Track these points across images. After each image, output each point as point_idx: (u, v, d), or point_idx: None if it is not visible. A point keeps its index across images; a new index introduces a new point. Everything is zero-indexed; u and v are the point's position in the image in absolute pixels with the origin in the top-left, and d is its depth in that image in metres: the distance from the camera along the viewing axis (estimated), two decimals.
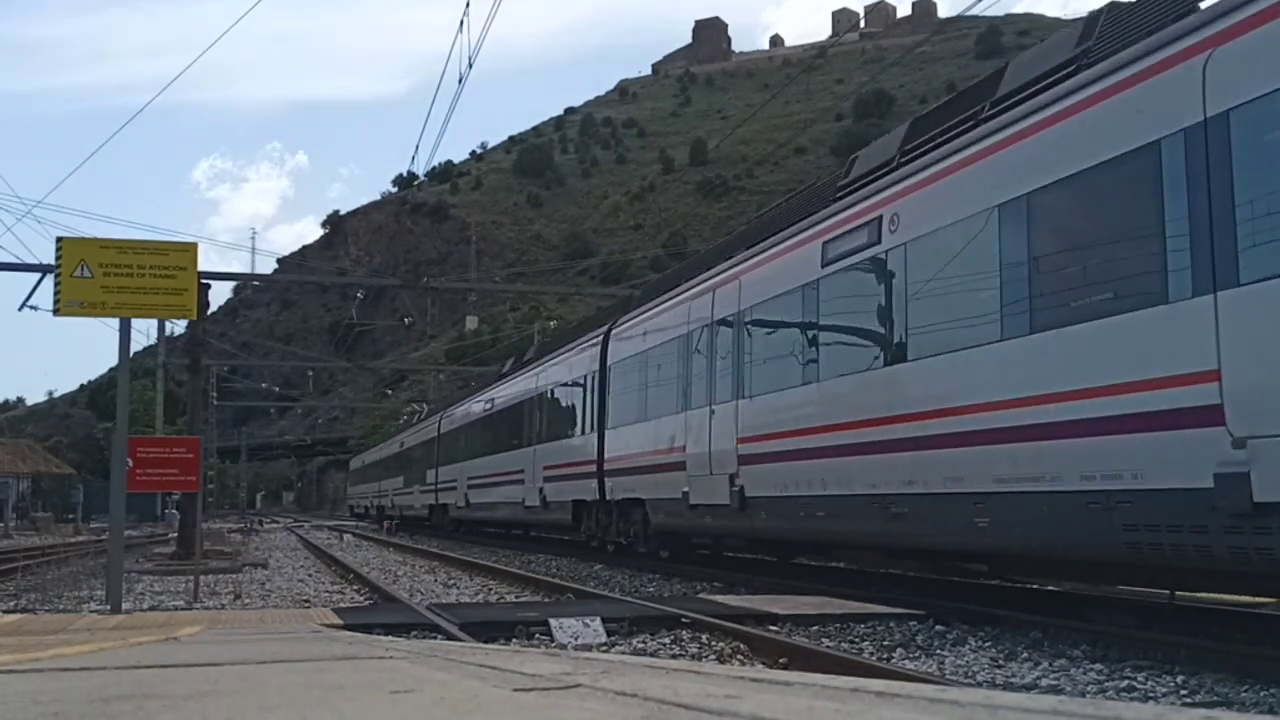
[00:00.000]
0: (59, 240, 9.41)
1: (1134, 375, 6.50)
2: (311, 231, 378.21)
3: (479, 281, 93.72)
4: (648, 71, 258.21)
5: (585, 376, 17.93)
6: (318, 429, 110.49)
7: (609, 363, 16.85)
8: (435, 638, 7.36)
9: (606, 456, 16.40)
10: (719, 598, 9.94)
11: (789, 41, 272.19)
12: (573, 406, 18.83)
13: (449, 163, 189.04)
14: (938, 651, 7.11)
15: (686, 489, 13.05)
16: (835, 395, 9.94)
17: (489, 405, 25.86)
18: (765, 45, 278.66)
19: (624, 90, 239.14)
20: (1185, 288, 6.23)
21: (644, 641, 7.65)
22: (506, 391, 24.15)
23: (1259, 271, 5.80)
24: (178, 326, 31.74)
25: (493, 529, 29.15)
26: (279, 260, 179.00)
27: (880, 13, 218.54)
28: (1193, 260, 6.20)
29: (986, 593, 10.65)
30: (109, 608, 9.27)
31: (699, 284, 13.66)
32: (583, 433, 17.78)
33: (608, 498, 16.26)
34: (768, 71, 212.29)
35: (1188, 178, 6.29)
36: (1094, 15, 8.09)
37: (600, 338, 17.47)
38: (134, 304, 9.41)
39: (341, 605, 10.86)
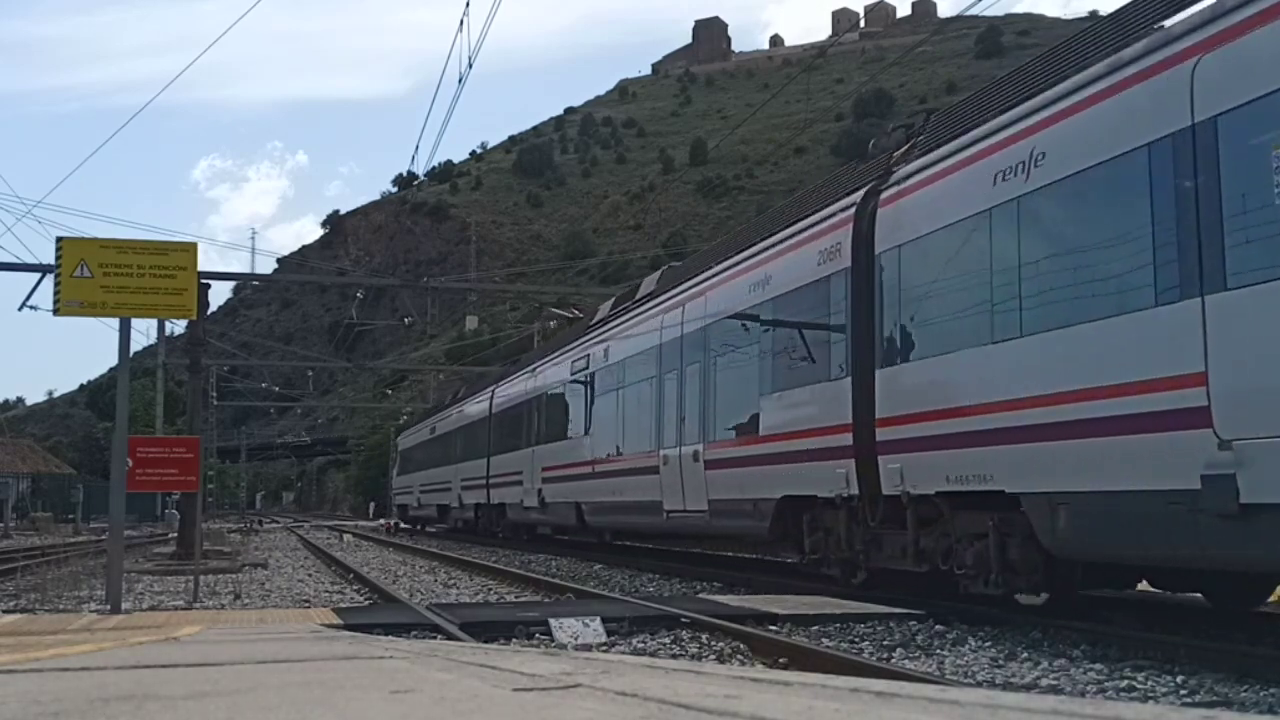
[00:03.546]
0: (59, 240, 9.39)
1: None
2: (311, 231, 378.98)
3: (479, 281, 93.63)
4: (648, 71, 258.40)
5: None
6: (318, 429, 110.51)
7: None
8: (435, 638, 7.35)
9: None
10: (719, 598, 9.93)
11: (789, 41, 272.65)
12: None
13: (449, 163, 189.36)
14: (938, 651, 7.10)
15: None
16: None
17: None
18: (765, 45, 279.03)
19: (624, 90, 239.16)
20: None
21: (644, 641, 7.65)
22: None
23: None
24: (178, 326, 31.61)
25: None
26: (279, 260, 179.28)
27: (880, 12, 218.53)
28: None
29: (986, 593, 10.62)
30: (109, 608, 9.26)
31: None
32: None
33: None
34: (768, 71, 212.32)
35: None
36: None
37: None
38: (134, 304, 9.40)
39: (341, 605, 10.85)
